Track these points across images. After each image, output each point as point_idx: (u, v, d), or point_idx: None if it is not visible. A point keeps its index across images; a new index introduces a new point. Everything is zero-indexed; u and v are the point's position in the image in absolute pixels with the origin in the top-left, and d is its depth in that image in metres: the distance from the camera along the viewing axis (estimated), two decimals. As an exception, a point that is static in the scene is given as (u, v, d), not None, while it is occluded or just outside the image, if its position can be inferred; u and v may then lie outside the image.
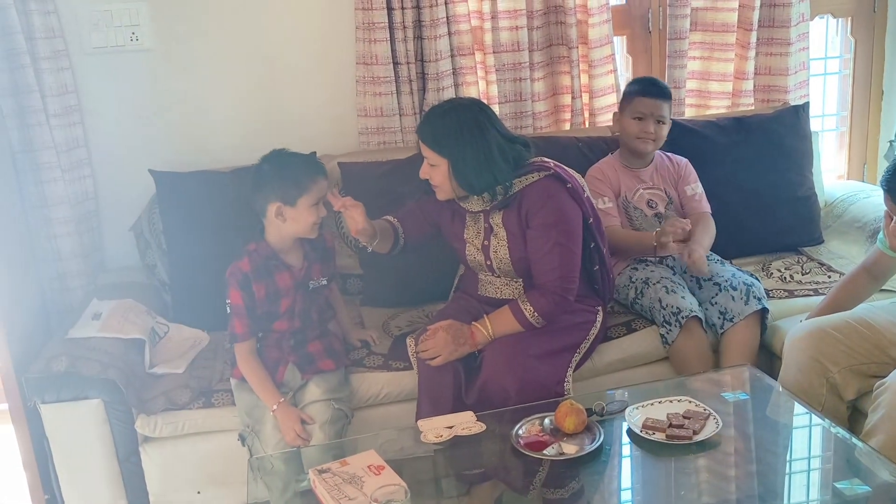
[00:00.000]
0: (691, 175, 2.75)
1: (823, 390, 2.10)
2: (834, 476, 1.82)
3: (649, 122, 2.62)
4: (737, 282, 2.47)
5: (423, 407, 2.22)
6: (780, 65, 3.15)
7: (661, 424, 1.88)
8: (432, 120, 2.22)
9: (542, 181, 2.22)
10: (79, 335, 2.30)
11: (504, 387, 2.12)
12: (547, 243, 2.19)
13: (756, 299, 2.42)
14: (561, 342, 2.24)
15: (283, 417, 2.12)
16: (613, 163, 2.74)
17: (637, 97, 2.64)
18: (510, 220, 2.24)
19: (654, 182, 2.72)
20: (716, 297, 2.47)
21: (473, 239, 2.30)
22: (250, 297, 2.17)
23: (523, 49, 2.97)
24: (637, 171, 2.71)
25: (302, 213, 2.15)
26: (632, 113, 2.65)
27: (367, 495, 1.63)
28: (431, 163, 2.21)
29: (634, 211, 2.68)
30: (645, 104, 2.62)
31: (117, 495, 2.29)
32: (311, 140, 2.85)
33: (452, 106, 2.24)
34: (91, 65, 2.76)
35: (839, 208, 3.13)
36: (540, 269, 2.22)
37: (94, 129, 2.81)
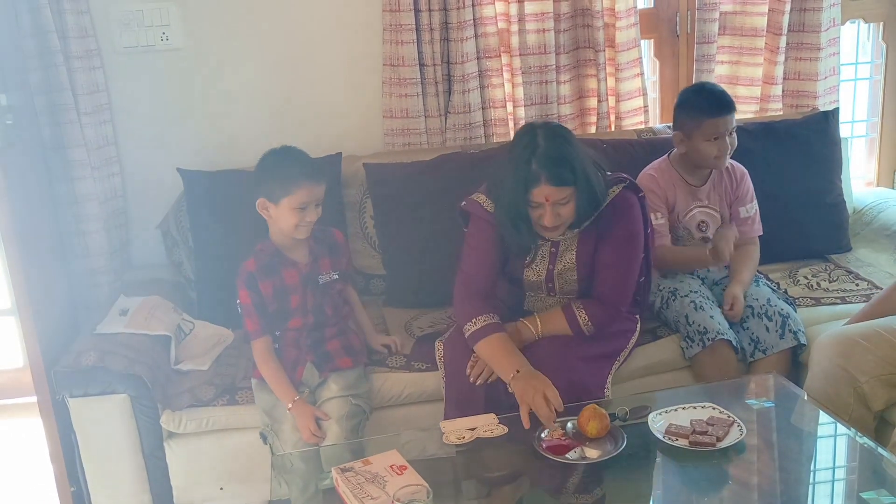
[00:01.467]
0: (748, 194, 2.62)
1: (851, 400, 2.08)
2: (859, 486, 1.80)
3: (725, 140, 2.49)
4: (772, 311, 2.39)
5: (450, 411, 2.20)
6: (809, 70, 3.11)
7: (685, 431, 1.86)
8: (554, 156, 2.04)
9: (623, 193, 2.18)
10: (106, 331, 2.33)
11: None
12: (617, 257, 2.18)
13: (792, 333, 2.35)
14: (606, 348, 2.23)
15: (298, 415, 2.14)
16: (671, 174, 2.59)
17: (707, 119, 2.48)
18: (586, 237, 2.19)
19: (710, 200, 2.60)
20: (748, 322, 2.42)
21: (537, 265, 2.24)
22: (258, 295, 2.20)
23: (550, 52, 2.96)
24: (695, 187, 2.59)
25: (283, 212, 2.16)
26: (705, 136, 2.49)
27: (389, 495, 1.64)
28: (564, 202, 2.06)
29: (683, 231, 2.59)
30: (717, 124, 2.48)
31: (141, 489, 2.32)
32: (337, 140, 2.88)
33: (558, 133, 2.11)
34: (122, 64, 2.80)
35: (868, 216, 3.09)
36: (603, 280, 2.19)
37: (124, 127, 2.85)
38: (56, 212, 2.69)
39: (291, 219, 2.16)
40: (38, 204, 2.58)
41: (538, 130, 2.09)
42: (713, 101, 2.53)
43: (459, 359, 2.21)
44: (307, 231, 2.21)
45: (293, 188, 2.15)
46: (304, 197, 2.15)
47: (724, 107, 2.51)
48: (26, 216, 2.45)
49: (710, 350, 2.34)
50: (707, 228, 2.59)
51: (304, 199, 2.16)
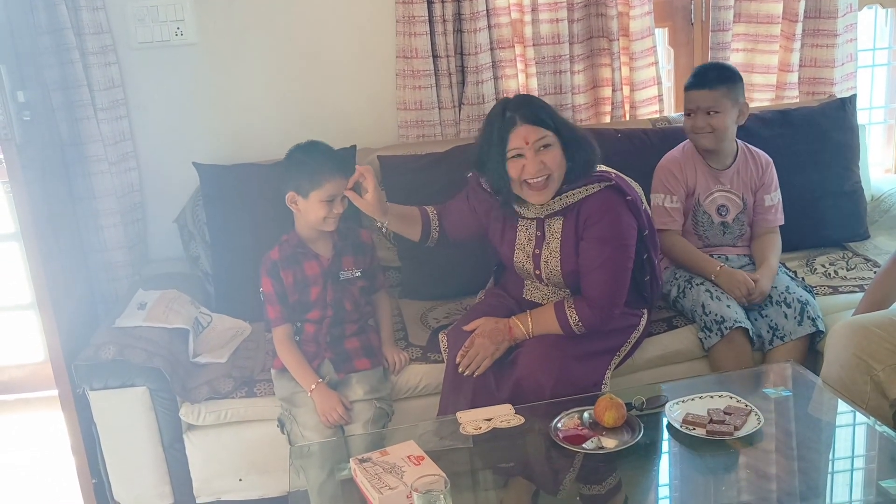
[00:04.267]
0: (773, 182, 2.61)
1: (867, 388, 2.07)
2: (878, 475, 1.79)
3: (699, 117, 2.51)
4: (791, 298, 2.39)
5: (446, 402, 2.22)
6: (826, 56, 3.08)
7: (702, 420, 1.86)
8: (523, 102, 2.15)
9: (603, 192, 2.16)
10: (125, 324, 2.36)
11: (539, 384, 2.11)
12: (599, 257, 2.15)
13: (810, 320, 2.35)
14: (601, 345, 2.23)
15: (320, 399, 2.17)
16: (694, 157, 2.59)
17: (686, 91, 2.56)
18: (568, 230, 2.19)
19: (732, 185, 2.58)
20: (767, 310, 2.42)
21: (525, 246, 2.26)
22: (280, 284, 2.24)
23: (563, 41, 2.95)
24: (717, 171, 2.58)
25: (313, 205, 2.20)
26: (685, 109, 2.56)
27: (406, 485, 1.65)
28: (545, 142, 2.07)
29: (703, 216, 2.58)
30: (691, 98, 2.53)
31: (161, 481, 2.34)
32: (351, 133, 2.88)
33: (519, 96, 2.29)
34: (137, 59, 2.82)
35: (886, 203, 3.06)
36: (590, 283, 2.18)
37: (140, 122, 2.87)
38: (74, 207, 2.72)
39: (320, 211, 2.21)
40: (56, 200, 2.61)
41: (509, 96, 2.20)
42: (694, 73, 2.58)
43: (457, 351, 2.22)
44: (335, 223, 2.24)
45: (322, 181, 2.19)
46: (331, 190, 2.20)
47: (699, 79, 2.52)
48: (45, 212, 2.48)
49: (727, 340, 2.33)
50: (727, 213, 2.58)
51: (332, 191, 2.20)
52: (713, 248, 2.61)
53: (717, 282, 2.44)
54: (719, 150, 2.56)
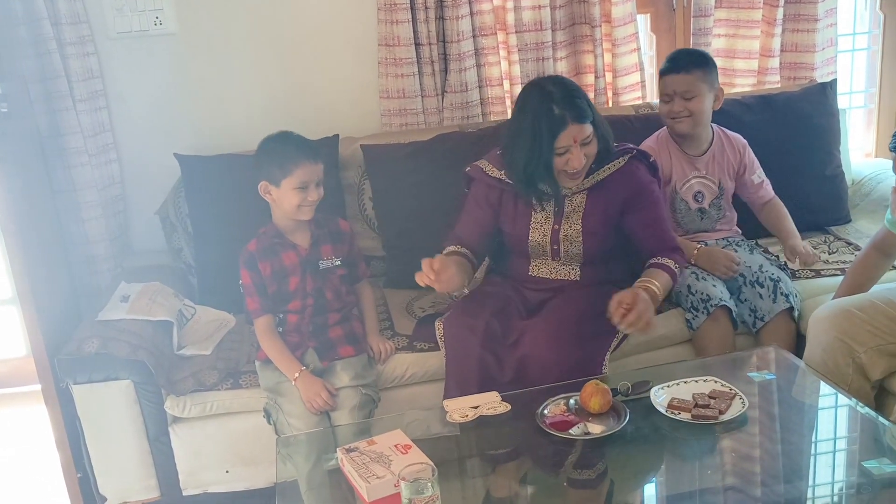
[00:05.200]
0: (753, 161, 2.64)
1: (849, 370, 2.09)
2: (861, 456, 1.81)
3: (676, 102, 2.51)
4: (763, 277, 2.42)
5: (451, 390, 2.22)
6: (807, 41, 3.10)
7: (687, 404, 1.87)
8: (573, 94, 2.12)
9: (633, 163, 2.24)
10: (108, 317, 2.34)
11: (545, 362, 2.11)
12: (652, 216, 2.25)
13: (784, 296, 2.38)
14: (603, 326, 2.21)
15: (304, 387, 2.16)
16: (668, 144, 2.61)
17: (661, 77, 2.57)
18: (593, 203, 2.23)
19: (708, 170, 2.60)
20: (743, 293, 2.44)
21: (542, 223, 2.26)
22: (258, 275, 2.24)
23: (546, 28, 2.95)
24: (693, 157, 2.59)
25: (285, 194, 2.20)
26: (659, 95, 2.57)
27: (394, 474, 1.65)
28: (588, 140, 2.12)
29: (680, 203, 2.60)
30: (666, 83, 2.53)
31: (147, 474, 2.33)
32: (333, 122, 2.87)
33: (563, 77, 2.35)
34: (116, 50, 2.79)
35: (867, 186, 3.09)
36: (661, 235, 2.25)
37: (120, 113, 2.84)
38: (54, 200, 2.69)
39: (293, 199, 2.20)
40: (36, 192, 2.58)
41: (543, 82, 2.17)
42: (669, 58, 2.57)
43: (459, 337, 2.22)
44: (310, 212, 2.24)
45: (292, 168, 2.18)
46: (303, 176, 2.19)
47: (674, 64, 2.52)
48: (25, 205, 2.45)
49: (713, 318, 2.36)
50: (703, 199, 2.60)
51: (304, 178, 2.19)
52: (691, 234, 2.63)
53: (697, 263, 2.47)
54: (695, 134, 2.58)
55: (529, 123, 2.12)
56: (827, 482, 1.81)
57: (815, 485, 1.78)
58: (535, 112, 2.11)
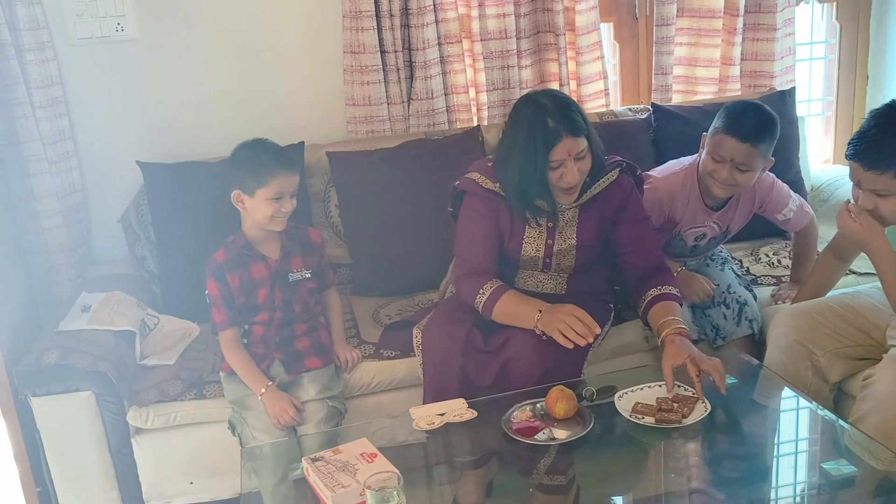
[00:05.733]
0: (779, 201, 2.42)
1: (809, 373, 2.13)
2: (821, 457, 1.84)
3: (725, 168, 2.23)
4: (731, 299, 2.41)
5: (428, 398, 2.20)
6: (766, 50, 3.16)
7: (651, 409, 1.89)
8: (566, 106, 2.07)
9: (623, 177, 2.22)
10: (69, 328, 2.30)
11: (528, 366, 2.10)
12: (641, 230, 2.24)
13: (748, 321, 2.38)
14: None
15: (271, 402, 2.13)
16: (692, 194, 2.37)
17: (720, 133, 2.23)
18: (586, 216, 2.21)
19: (720, 219, 2.43)
20: (709, 310, 2.44)
21: (535, 239, 2.23)
22: (226, 287, 2.19)
23: (511, 36, 2.97)
24: (710, 209, 2.39)
25: (259, 204, 2.15)
26: (711, 150, 2.26)
27: (360, 482, 1.64)
28: (583, 154, 2.07)
29: (678, 241, 2.51)
30: (724, 144, 2.22)
31: (109, 486, 2.29)
32: (299, 129, 2.86)
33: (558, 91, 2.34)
34: (76, 56, 2.75)
35: (825, 193, 3.15)
36: (648, 252, 2.24)
37: (81, 120, 2.80)
38: (13, 208, 2.64)
39: (267, 210, 2.15)
40: (-7, 201, 2.53)
41: (537, 95, 2.12)
42: (737, 117, 2.22)
43: (439, 346, 2.19)
44: (282, 223, 2.19)
45: (267, 179, 2.14)
46: (278, 187, 2.14)
47: (744, 130, 2.20)
48: (-18, 214, 2.40)
49: None
50: (703, 239, 2.50)
51: (279, 189, 2.15)
52: (675, 258, 2.57)
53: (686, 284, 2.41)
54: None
55: (523, 137, 2.07)
56: (789, 483, 1.84)
57: (777, 486, 1.80)
58: (529, 125, 2.06)
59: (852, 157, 1.98)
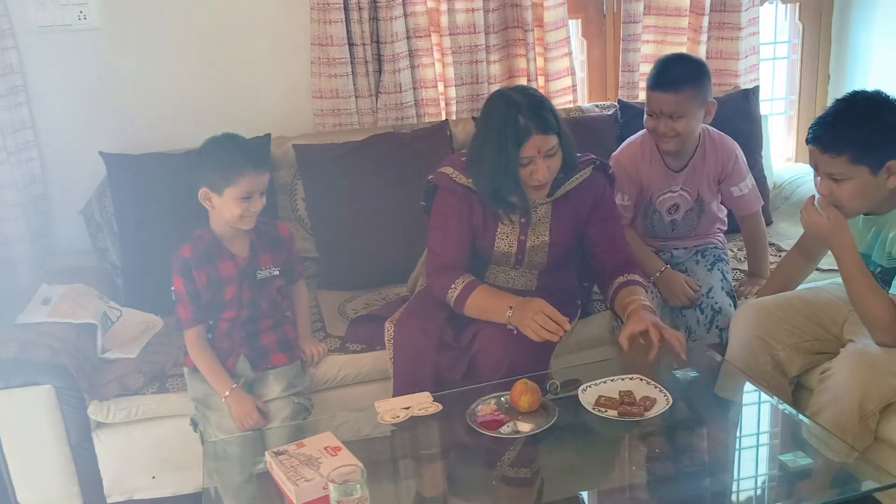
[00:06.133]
0: (739, 172, 2.50)
1: (769, 367, 2.16)
2: (779, 450, 1.88)
3: (661, 121, 2.34)
4: (707, 304, 2.41)
5: (400, 392, 2.17)
6: (731, 49, 3.20)
7: (614, 402, 1.91)
8: (538, 104, 2.07)
9: (596, 175, 2.24)
10: (28, 320, 2.26)
11: (496, 360, 2.10)
12: (612, 229, 2.27)
13: (718, 330, 2.38)
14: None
15: (235, 404, 2.10)
16: (652, 155, 2.46)
17: (648, 91, 2.37)
18: (559, 212, 2.22)
19: (686, 182, 2.49)
20: (686, 311, 2.46)
21: (507, 235, 2.23)
22: (192, 283, 2.13)
23: (479, 31, 2.97)
24: (673, 172, 2.47)
25: (227, 203, 2.09)
26: (647, 108, 2.38)
27: (323, 476, 1.64)
28: (553, 152, 2.08)
29: (653, 213, 2.55)
30: (653, 99, 2.35)
31: (69, 482, 2.26)
32: (265, 122, 2.84)
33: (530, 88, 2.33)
34: (37, 44, 2.69)
35: (787, 190, 3.20)
36: (620, 249, 2.27)
37: (42, 110, 2.74)
38: (-30, 199, 2.59)
39: (236, 209, 2.09)
40: (-50, 191, 2.48)
41: (510, 92, 2.12)
42: (659, 71, 2.37)
43: (412, 341, 2.19)
44: (252, 221, 2.14)
45: (237, 178, 2.07)
46: (247, 187, 2.09)
47: (663, 82, 2.33)
48: (-62, 204, 2.35)
49: None
50: (677, 211, 2.54)
51: (248, 189, 2.09)
52: (661, 240, 2.63)
53: (656, 283, 2.46)
54: (681, 150, 2.47)
55: (495, 133, 2.07)
56: (749, 476, 1.87)
57: (738, 479, 1.83)
58: (501, 122, 2.06)
59: (810, 141, 2.01)
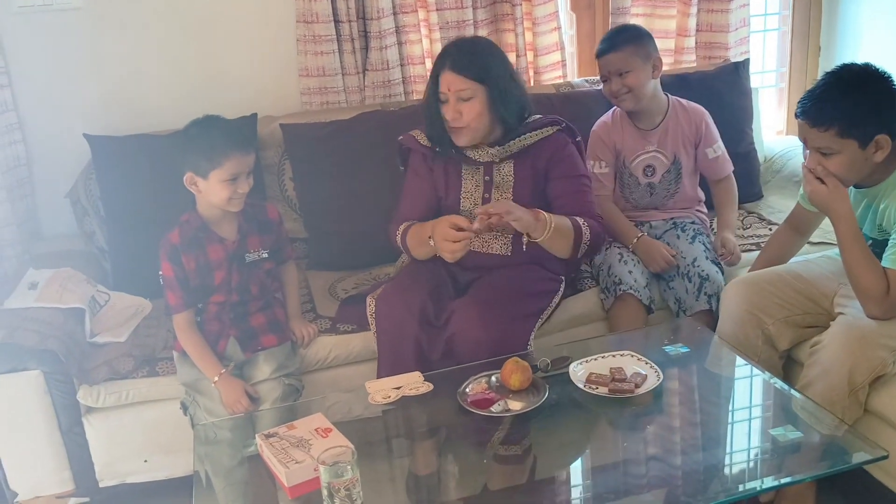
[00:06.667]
0: (711, 135, 2.63)
1: (759, 342, 2.16)
2: (770, 424, 1.88)
3: (613, 81, 2.52)
4: (693, 272, 2.42)
5: (384, 369, 2.19)
6: (720, 21, 3.17)
7: (605, 379, 1.91)
8: (465, 48, 2.17)
9: (560, 135, 2.26)
10: (15, 305, 2.25)
11: (473, 340, 2.10)
12: (576, 185, 2.27)
13: (706, 296, 2.38)
14: (527, 308, 2.24)
15: (225, 389, 2.10)
16: (622, 120, 2.62)
17: (597, 59, 2.57)
18: (521, 171, 2.24)
19: (660, 143, 2.60)
20: (674, 282, 2.47)
21: (472, 192, 2.26)
22: (181, 268, 2.12)
23: (467, 6, 2.94)
24: (646, 131, 2.60)
25: (213, 186, 2.07)
26: (600, 76, 2.58)
27: (313, 458, 1.63)
28: (465, 95, 2.14)
29: (629, 178, 2.61)
30: (601, 64, 2.55)
31: (61, 467, 2.25)
32: (251, 101, 2.81)
33: (479, 39, 2.36)
34: (18, 24, 2.65)
35: (778, 163, 3.19)
36: (578, 209, 2.24)
37: (24, 92, 2.71)
38: (-47, 183, 2.56)
39: (223, 192, 2.07)
40: (-68, 175, 2.44)
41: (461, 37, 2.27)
42: (603, 39, 2.58)
43: (395, 315, 2.19)
44: (240, 203, 2.12)
45: (222, 160, 2.05)
46: (233, 168, 2.06)
47: (608, 46, 2.53)
48: (-80, 189, 2.32)
49: (620, 300, 2.39)
50: (653, 173, 2.61)
51: (234, 170, 2.07)
52: (640, 211, 2.64)
53: (634, 250, 2.49)
54: (643, 109, 2.58)
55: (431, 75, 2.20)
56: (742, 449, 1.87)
57: (728, 449, 1.84)
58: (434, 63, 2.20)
59: (799, 115, 2.00)
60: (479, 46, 2.23)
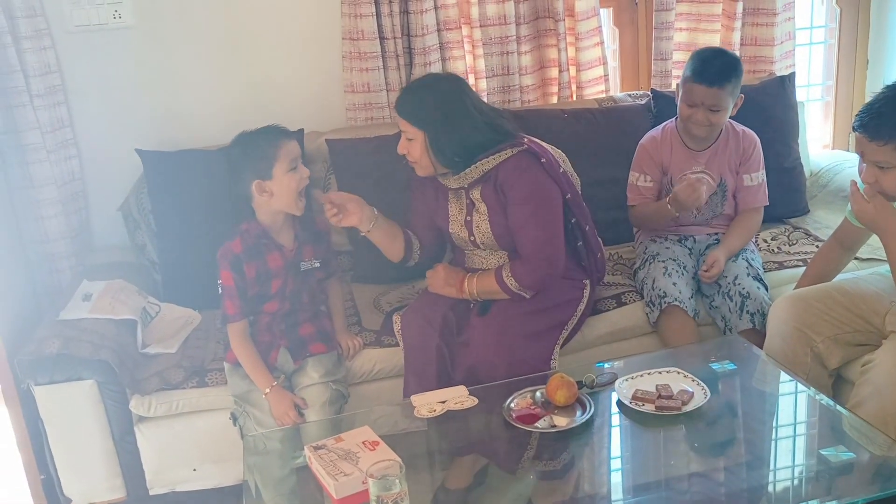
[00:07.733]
0: (756, 162, 2.58)
1: (808, 359, 2.13)
2: (819, 443, 1.85)
3: (699, 112, 2.44)
4: (734, 291, 2.39)
5: (410, 383, 2.25)
6: (766, 35, 3.14)
7: (651, 396, 1.90)
8: (408, 93, 2.25)
9: (516, 156, 2.21)
10: (70, 317, 2.31)
11: (493, 365, 2.14)
12: (524, 215, 2.20)
13: (749, 315, 2.35)
14: (548, 321, 2.26)
15: (275, 401, 2.14)
16: (672, 138, 2.57)
17: (690, 83, 2.44)
18: (488, 195, 2.25)
19: (708, 166, 2.55)
20: (715, 301, 2.45)
21: (457, 215, 2.31)
22: (242, 277, 2.17)
23: (510, 22, 2.95)
24: (695, 152, 2.56)
25: (282, 181, 2.15)
26: (684, 97, 2.47)
27: (362, 471, 1.65)
28: (409, 136, 2.23)
29: None
30: (694, 92, 2.43)
31: (113, 473, 2.31)
32: (297, 117, 2.85)
33: (428, 80, 2.32)
34: (74, 43, 2.73)
35: (824, 178, 3.15)
36: (521, 241, 2.23)
37: (79, 109, 2.79)
38: (11, 197, 2.64)
39: (292, 183, 2.16)
40: (-9, 190, 2.53)
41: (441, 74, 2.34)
42: (703, 64, 2.44)
43: (417, 329, 2.25)
44: (303, 204, 2.20)
45: (276, 152, 2.14)
46: (289, 154, 2.16)
47: (709, 75, 2.41)
48: (-19, 203, 2.40)
49: (666, 314, 2.38)
50: None
51: (290, 156, 2.16)
52: (683, 227, 2.62)
53: (671, 203, 2.43)
54: (707, 137, 2.55)
55: None
56: (787, 467, 1.85)
57: (776, 471, 1.82)
58: None
59: (856, 128, 1.99)
60: (423, 90, 2.23)
